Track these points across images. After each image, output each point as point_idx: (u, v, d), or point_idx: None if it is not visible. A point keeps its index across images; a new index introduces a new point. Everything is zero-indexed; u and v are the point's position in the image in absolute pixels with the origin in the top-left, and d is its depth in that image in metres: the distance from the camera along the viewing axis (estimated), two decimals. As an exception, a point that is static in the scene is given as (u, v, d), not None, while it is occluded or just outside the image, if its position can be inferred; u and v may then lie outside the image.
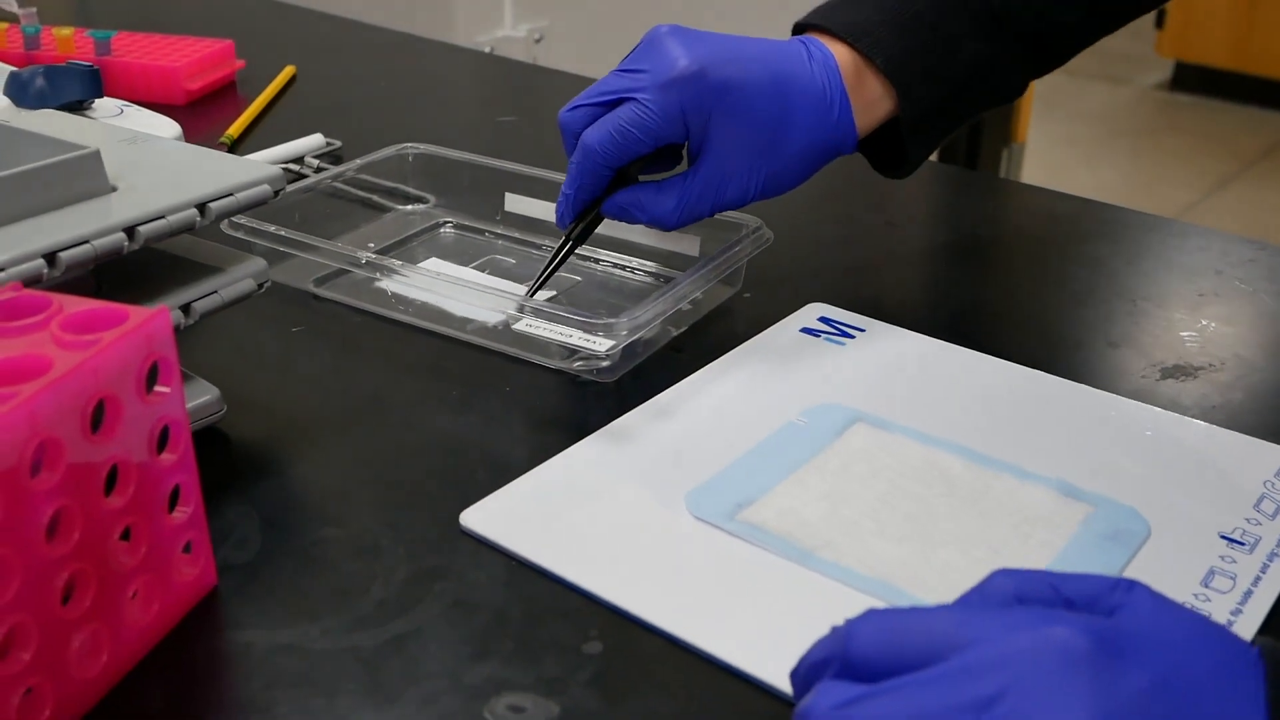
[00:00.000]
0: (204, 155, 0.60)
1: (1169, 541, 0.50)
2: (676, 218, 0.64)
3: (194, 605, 0.47)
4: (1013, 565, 0.49)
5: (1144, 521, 0.51)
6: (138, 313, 0.43)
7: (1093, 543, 0.50)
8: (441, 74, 1.18)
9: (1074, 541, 0.50)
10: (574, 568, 0.49)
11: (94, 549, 0.41)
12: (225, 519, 0.52)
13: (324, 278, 0.71)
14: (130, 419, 0.42)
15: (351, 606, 0.48)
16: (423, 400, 0.61)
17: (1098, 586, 0.37)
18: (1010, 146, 2.70)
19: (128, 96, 1.01)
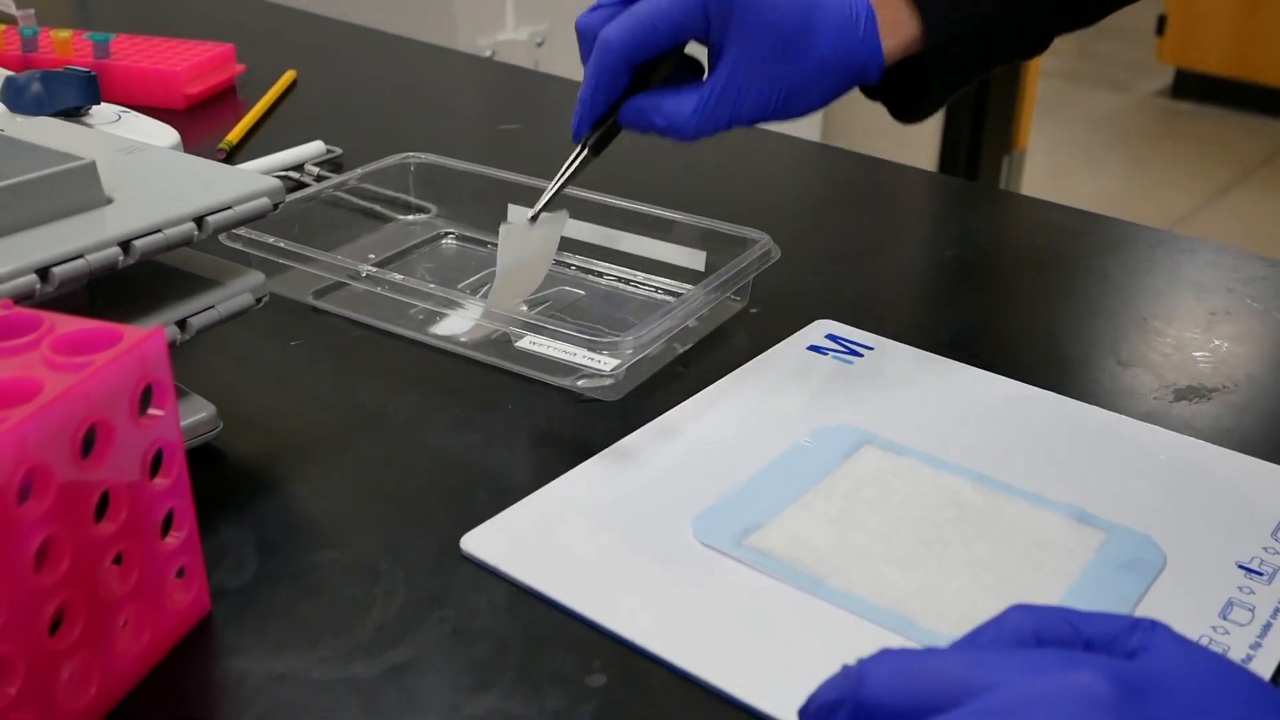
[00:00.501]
0: (203, 166, 0.58)
1: (1185, 571, 0.49)
2: (695, 124, 0.60)
3: (187, 632, 0.46)
4: (1026, 594, 0.48)
5: (1159, 550, 0.50)
6: (131, 333, 0.41)
7: (1108, 572, 0.49)
8: (443, 79, 1.17)
9: (1088, 570, 0.49)
10: (577, 596, 0.48)
11: (84, 577, 0.40)
12: (220, 541, 0.51)
13: (323, 290, 0.70)
14: (122, 443, 0.41)
15: (349, 634, 0.46)
16: (424, 417, 0.60)
17: (1118, 626, 0.36)
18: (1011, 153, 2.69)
19: (126, 100, 1.00)
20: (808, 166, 0.99)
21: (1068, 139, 3.50)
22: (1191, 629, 0.46)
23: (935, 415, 0.60)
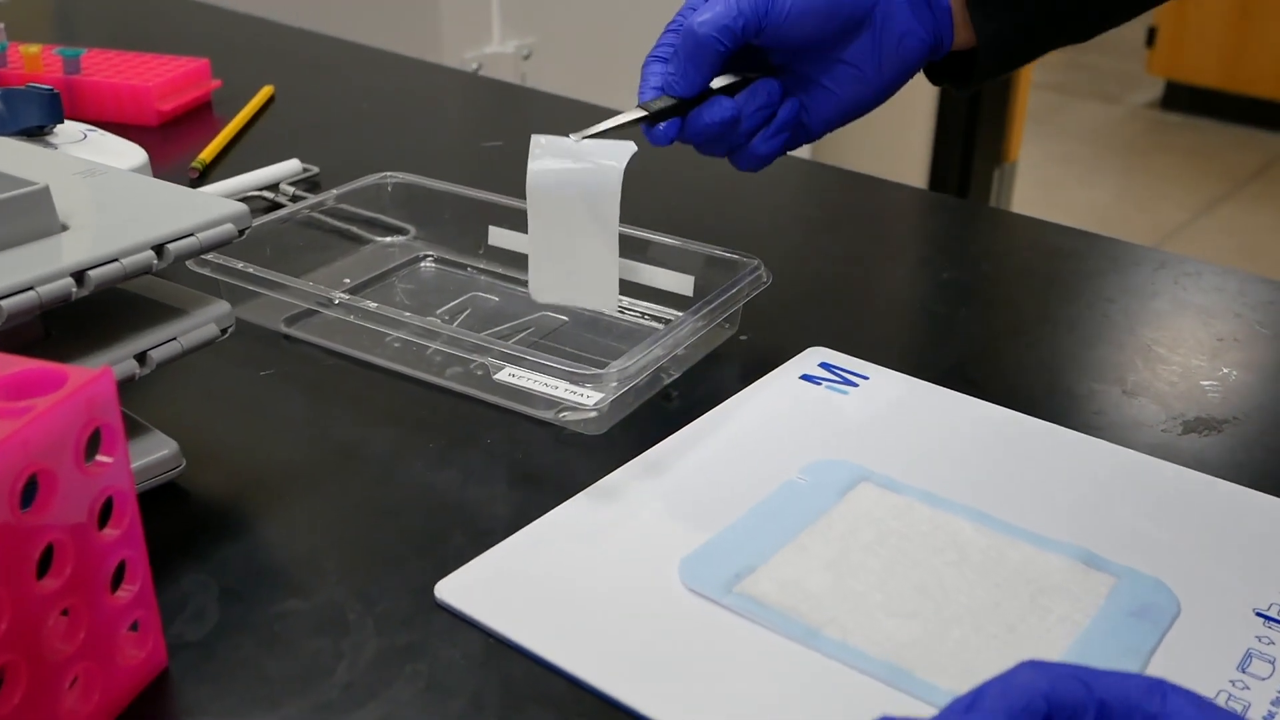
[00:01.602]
0: (165, 190, 0.56)
1: (1200, 619, 0.47)
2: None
3: (142, 690, 0.43)
4: (1030, 643, 0.45)
5: (1173, 596, 0.48)
6: (77, 374, 0.39)
7: (1118, 620, 0.47)
8: (425, 95, 1.14)
9: (1098, 619, 0.47)
10: (557, 648, 0.45)
11: (24, 638, 0.37)
12: (180, 588, 0.48)
13: (295, 316, 0.67)
14: (67, 493, 0.38)
15: (315, 690, 0.43)
16: (398, 453, 0.57)
17: (1134, 689, 0.33)
18: (1002, 166, 2.68)
19: (97, 117, 0.97)
20: (797, 185, 0.96)
21: (1059, 151, 3.49)
22: (1209, 684, 0.43)
23: (933, 450, 0.57)
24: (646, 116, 0.60)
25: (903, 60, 0.62)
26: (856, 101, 0.64)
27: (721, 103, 0.61)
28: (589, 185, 0.59)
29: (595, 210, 0.59)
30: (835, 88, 0.63)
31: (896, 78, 0.63)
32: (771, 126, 0.63)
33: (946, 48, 0.64)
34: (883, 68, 0.62)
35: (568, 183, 0.59)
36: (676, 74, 0.60)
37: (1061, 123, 3.69)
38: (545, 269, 0.62)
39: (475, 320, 0.69)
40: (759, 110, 0.62)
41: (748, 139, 0.63)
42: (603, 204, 0.59)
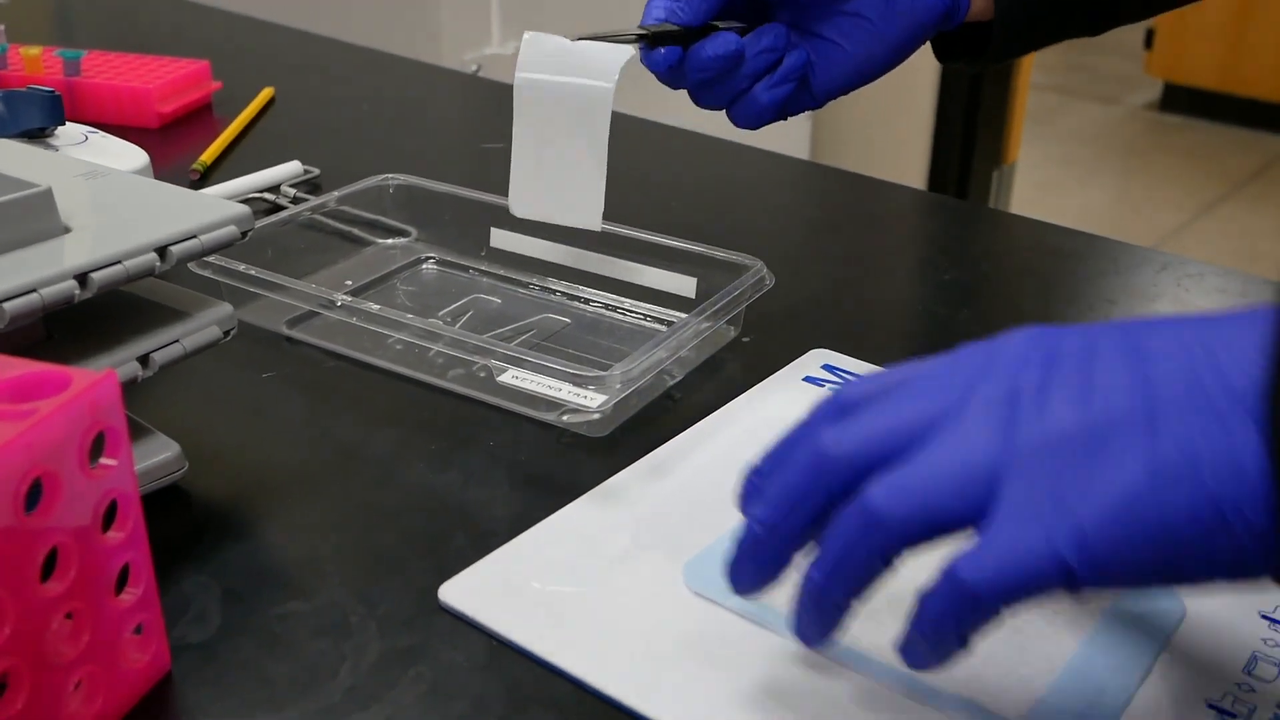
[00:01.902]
0: (167, 192, 0.56)
1: (1206, 622, 0.47)
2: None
3: (145, 693, 0.43)
4: (1036, 645, 0.45)
5: (1178, 599, 0.48)
6: (81, 377, 0.39)
7: (1125, 623, 0.46)
8: (426, 96, 1.14)
9: (1104, 622, 0.47)
10: (560, 650, 0.45)
11: (28, 642, 0.37)
12: (182, 592, 0.48)
13: (297, 319, 0.67)
14: (71, 496, 0.38)
15: (318, 693, 0.43)
16: (400, 455, 0.57)
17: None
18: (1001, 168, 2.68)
19: (98, 119, 0.97)
20: (798, 186, 0.96)
21: (1057, 153, 3.49)
22: (1215, 686, 0.43)
23: (937, 451, 0.57)
24: (646, 37, 0.57)
25: (915, 19, 0.60)
26: (865, 59, 0.60)
27: (726, 37, 0.58)
28: (581, 94, 0.57)
29: (586, 121, 0.57)
30: (844, 43, 0.60)
31: (908, 38, 0.60)
32: (776, 74, 0.59)
33: (962, 13, 0.61)
34: (897, 24, 0.59)
35: (558, 91, 0.57)
36: (682, 1, 0.57)
37: (1060, 124, 3.69)
38: (527, 181, 0.60)
39: (477, 322, 0.69)
40: (764, 53, 0.59)
41: (750, 84, 0.60)
42: (594, 114, 0.57)
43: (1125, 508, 0.33)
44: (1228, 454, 0.33)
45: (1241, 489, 0.33)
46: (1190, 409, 0.34)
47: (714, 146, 0.97)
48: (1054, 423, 0.35)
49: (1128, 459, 0.34)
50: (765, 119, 0.60)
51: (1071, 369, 0.36)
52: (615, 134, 0.58)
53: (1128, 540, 0.33)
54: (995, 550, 0.34)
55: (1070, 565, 0.34)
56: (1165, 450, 0.34)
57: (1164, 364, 0.35)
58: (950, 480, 0.36)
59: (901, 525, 0.36)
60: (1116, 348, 0.37)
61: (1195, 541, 0.33)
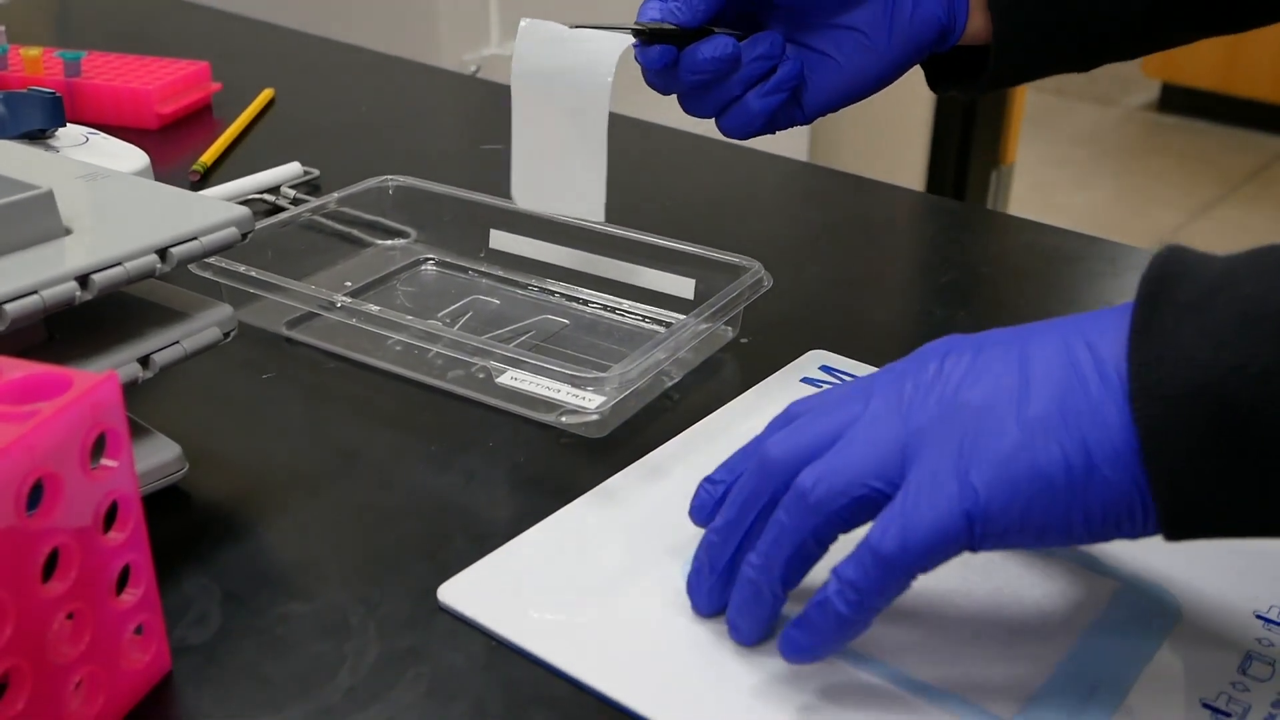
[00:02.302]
0: (168, 194, 0.56)
1: (1201, 623, 0.47)
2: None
3: (146, 693, 0.43)
4: (1032, 648, 0.45)
5: (1174, 600, 0.48)
6: (82, 379, 0.39)
7: (1121, 624, 0.47)
8: (425, 97, 1.14)
9: (1100, 623, 0.47)
10: (559, 651, 0.45)
11: (30, 642, 0.37)
12: (183, 593, 0.48)
13: (297, 320, 0.67)
14: (72, 497, 0.38)
15: (317, 694, 0.44)
16: (400, 456, 0.57)
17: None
18: (999, 168, 2.68)
19: (98, 120, 0.97)
20: (796, 188, 0.96)
21: (1055, 154, 3.50)
22: (1210, 685, 0.44)
23: (934, 453, 0.57)
24: (643, 33, 0.56)
25: (914, 37, 0.59)
26: (859, 74, 0.59)
27: (723, 39, 0.57)
28: (578, 82, 0.57)
29: (583, 109, 0.57)
30: (840, 57, 0.59)
31: (904, 56, 0.59)
32: (769, 82, 0.58)
33: (958, 33, 0.60)
34: (893, 40, 0.59)
35: (555, 79, 0.57)
36: (680, 0, 0.56)
37: (1058, 125, 3.70)
38: (528, 172, 0.60)
39: (476, 323, 0.69)
40: (759, 59, 0.58)
41: (743, 90, 0.58)
42: (592, 103, 0.57)
43: (1006, 463, 0.39)
44: (1092, 407, 0.38)
45: (1107, 436, 0.38)
46: (1060, 376, 0.39)
47: (712, 148, 0.97)
48: (945, 400, 0.41)
49: (1007, 421, 0.39)
50: (755, 127, 0.60)
51: (961, 359, 0.42)
52: (613, 136, 0.58)
53: (1013, 492, 0.38)
54: (903, 519, 0.39)
55: (970, 522, 0.39)
56: (1037, 410, 0.39)
57: (1040, 344, 0.41)
58: (860, 458, 0.41)
59: (823, 500, 0.41)
60: (1001, 339, 0.42)
61: (1072, 489, 0.38)
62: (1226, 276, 0.38)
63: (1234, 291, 0.38)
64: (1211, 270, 0.39)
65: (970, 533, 0.39)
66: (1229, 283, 0.38)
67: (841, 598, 0.40)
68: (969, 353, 0.42)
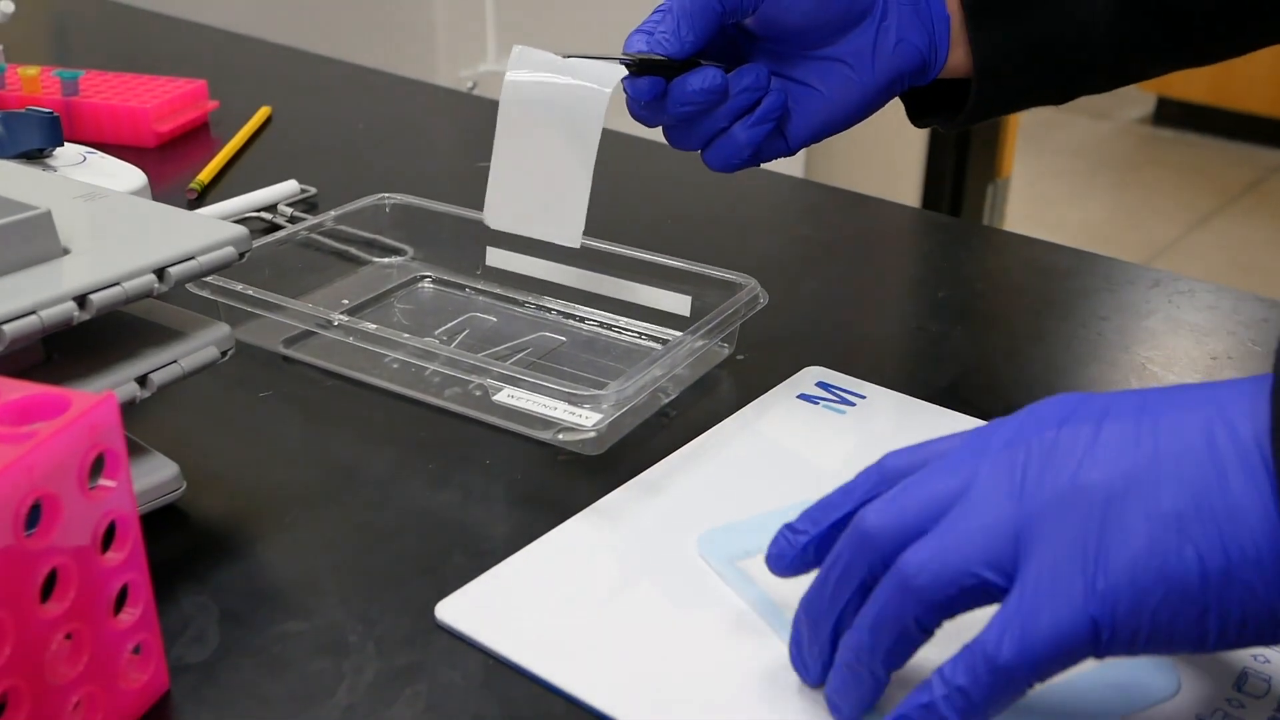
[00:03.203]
0: (165, 213, 0.56)
1: (1197, 638, 0.47)
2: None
3: (144, 713, 0.43)
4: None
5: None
6: (81, 399, 0.39)
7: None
8: (422, 115, 1.15)
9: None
10: (557, 668, 0.45)
11: (28, 663, 0.37)
12: (181, 612, 0.48)
13: (294, 338, 0.68)
14: (71, 517, 0.38)
15: (316, 713, 0.44)
16: (397, 474, 0.58)
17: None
18: (995, 182, 2.69)
19: (95, 139, 0.97)
20: (792, 204, 0.97)
21: (1051, 167, 3.51)
22: (1206, 702, 0.44)
23: (931, 468, 0.57)
24: (630, 65, 0.56)
25: (896, 68, 0.59)
26: (841, 104, 0.60)
27: (711, 70, 0.57)
28: (571, 103, 0.57)
29: (574, 132, 0.57)
30: (824, 88, 0.59)
31: (886, 87, 0.60)
32: (755, 114, 0.59)
33: (939, 65, 0.61)
34: (875, 71, 0.59)
35: (547, 98, 0.57)
36: (668, 32, 0.56)
37: (1054, 139, 3.71)
38: (506, 191, 0.59)
39: (473, 341, 0.70)
40: (746, 91, 0.58)
41: (729, 122, 0.59)
42: (584, 125, 0.56)
43: (1134, 564, 0.35)
44: (1232, 503, 0.35)
45: (1250, 538, 0.34)
46: (1196, 462, 0.35)
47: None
48: (1064, 483, 0.37)
49: (1136, 516, 0.36)
50: (740, 158, 0.60)
51: (1081, 431, 0.38)
52: (608, 151, 0.58)
53: (1142, 597, 0.35)
54: (1022, 625, 0.36)
55: (1097, 629, 0.35)
56: (1171, 505, 0.35)
57: (1173, 420, 0.37)
58: (969, 543, 0.37)
59: (929, 587, 0.38)
60: (1127, 410, 0.38)
61: (1208, 595, 0.35)
62: None
63: None
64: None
65: (1096, 640, 0.36)
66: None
67: (950, 705, 0.37)
68: (1090, 423, 0.38)
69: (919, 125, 0.65)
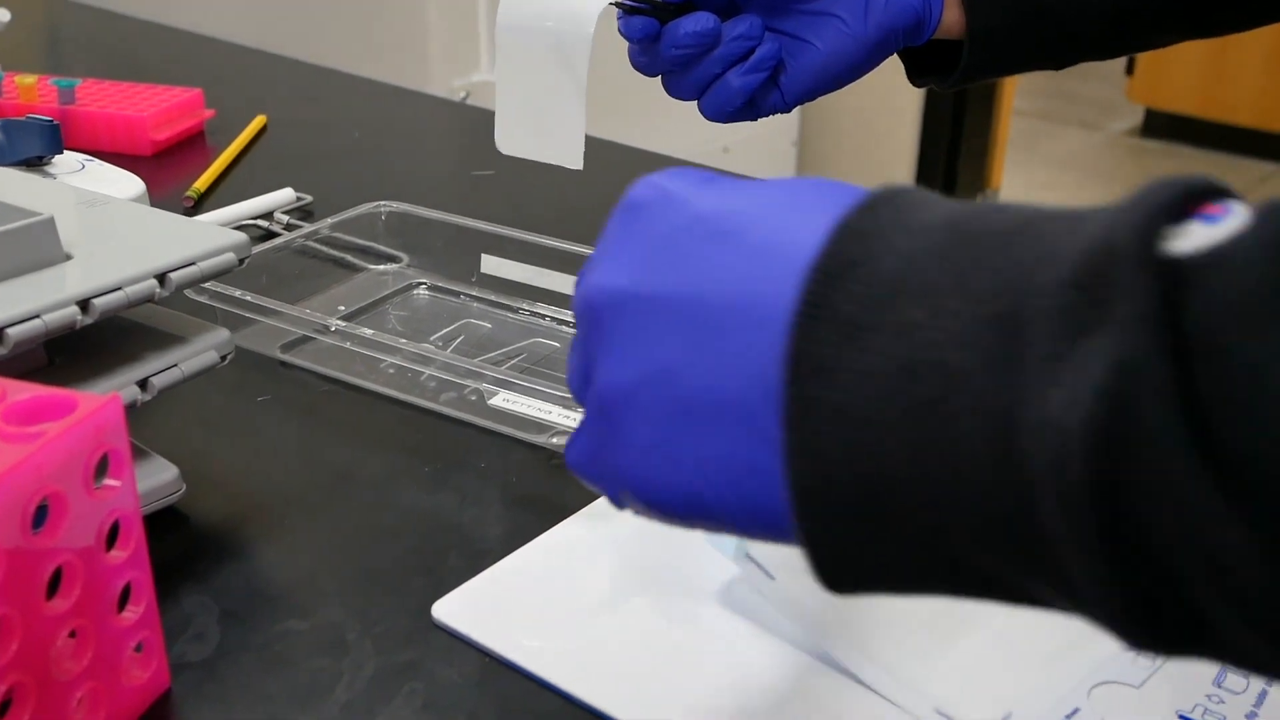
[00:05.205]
0: (166, 220, 0.57)
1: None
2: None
3: (146, 709, 0.44)
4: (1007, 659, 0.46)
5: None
6: (87, 401, 0.40)
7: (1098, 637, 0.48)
8: (416, 123, 1.16)
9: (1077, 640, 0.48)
10: (552, 666, 0.46)
11: (34, 658, 0.38)
12: (182, 611, 0.49)
13: (291, 343, 0.68)
14: (76, 516, 0.39)
15: (315, 709, 0.44)
16: (394, 477, 0.58)
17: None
18: (985, 193, 2.70)
19: (92, 147, 0.98)
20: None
21: (1039, 178, 3.53)
22: (1186, 698, 0.45)
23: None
24: (625, 6, 0.57)
25: (889, 24, 0.60)
26: (837, 59, 0.60)
27: (703, 14, 0.58)
28: (561, 30, 0.58)
29: (565, 61, 0.58)
30: (818, 43, 0.60)
31: (881, 44, 0.60)
32: (749, 62, 0.59)
33: (933, 24, 0.61)
34: (869, 26, 0.59)
35: (538, 32, 0.58)
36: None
37: (1042, 149, 3.73)
38: (511, 118, 0.61)
39: (468, 346, 0.71)
40: (738, 39, 0.59)
41: (723, 69, 0.59)
42: (573, 51, 0.58)
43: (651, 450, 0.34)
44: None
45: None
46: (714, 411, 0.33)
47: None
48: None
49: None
50: (735, 106, 0.60)
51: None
52: (602, 161, 0.60)
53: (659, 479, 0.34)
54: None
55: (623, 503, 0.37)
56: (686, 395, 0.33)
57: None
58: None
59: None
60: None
61: (718, 476, 0.32)
62: (905, 272, 0.30)
63: (903, 312, 0.29)
64: (896, 254, 0.30)
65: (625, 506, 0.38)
66: (902, 289, 0.30)
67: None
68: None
69: (917, 85, 0.66)
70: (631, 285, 0.35)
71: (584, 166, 0.60)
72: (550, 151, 0.61)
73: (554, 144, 0.60)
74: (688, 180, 0.37)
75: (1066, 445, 0.25)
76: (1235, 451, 0.24)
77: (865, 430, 0.29)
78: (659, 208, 0.36)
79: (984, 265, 0.29)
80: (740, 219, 0.34)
